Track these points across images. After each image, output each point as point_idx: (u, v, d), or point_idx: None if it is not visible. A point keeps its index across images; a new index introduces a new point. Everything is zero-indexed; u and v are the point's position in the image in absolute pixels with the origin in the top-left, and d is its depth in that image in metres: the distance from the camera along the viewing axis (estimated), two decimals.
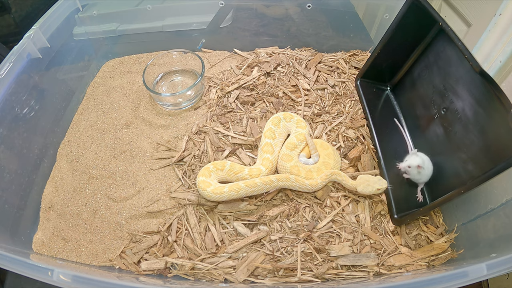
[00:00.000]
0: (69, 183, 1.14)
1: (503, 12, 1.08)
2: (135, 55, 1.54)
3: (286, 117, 1.15)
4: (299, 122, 1.13)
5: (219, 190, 0.98)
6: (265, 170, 1.03)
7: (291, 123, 1.14)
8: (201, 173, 1.03)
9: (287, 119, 1.14)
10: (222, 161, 1.07)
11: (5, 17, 1.71)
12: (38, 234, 1.05)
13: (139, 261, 0.96)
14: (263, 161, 1.06)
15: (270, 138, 1.10)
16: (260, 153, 1.09)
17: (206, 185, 0.99)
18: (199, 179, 1.01)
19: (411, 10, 1.06)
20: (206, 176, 1.02)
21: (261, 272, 0.91)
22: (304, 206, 1.01)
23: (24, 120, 1.13)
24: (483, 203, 0.90)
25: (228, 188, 0.98)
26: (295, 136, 1.11)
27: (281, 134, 1.13)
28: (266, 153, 1.07)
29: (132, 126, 1.27)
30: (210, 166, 1.04)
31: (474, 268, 0.69)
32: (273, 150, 1.08)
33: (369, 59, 1.24)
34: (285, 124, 1.14)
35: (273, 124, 1.13)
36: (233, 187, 0.98)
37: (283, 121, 1.14)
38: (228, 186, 0.98)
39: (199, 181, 1.00)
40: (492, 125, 0.83)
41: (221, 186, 0.99)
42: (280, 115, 1.15)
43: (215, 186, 0.99)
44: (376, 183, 0.97)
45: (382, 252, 0.94)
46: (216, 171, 1.04)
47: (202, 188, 0.99)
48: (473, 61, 0.86)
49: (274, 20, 1.48)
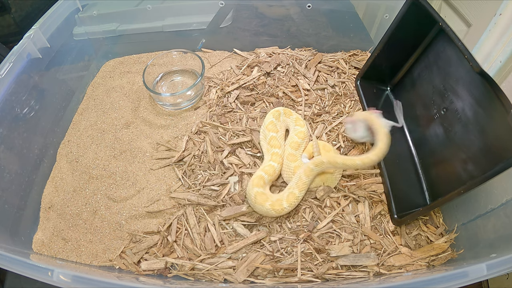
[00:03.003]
0: (69, 183, 1.14)
1: (503, 12, 1.08)
2: (135, 55, 1.54)
3: (286, 113, 1.15)
4: (298, 120, 1.13)
5: (279, 206, 0.93)
6: (278, 165, 1.01)
7: (290, 120, 1.14)
8: (255, 183, 0.95)
9: (287, 115, 1.15)
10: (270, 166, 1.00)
11: (5, 17, 1.72)
12: (38, 234, 1.05)
13: (139, 261, 0.96)
14: (273, 156, 1.03)
15: (274, 132, 1.09)
16: (267, 148, 1.08)
17: (264, 199, 0.93)
18: (256, 190, 0.93)
19: (411, 10, 1.06)
20: (261, 185, 0.94)
21: (261, 272, 0.91)
22: (304, 207, 1.01)
23: (24, 120, 1.13)
24: (483, 203, 0.90)
25: (286, 203, 0.94)
26: (295, 134, 1.10)
27: (281, 128, 1.14)
28: (274, 148, 1.05)
29: (132, 126, 1.27)
30: (262, 173, 0.97)
31: (474, 268, 0.68)
32: (280, 144, 1.07)
33: (369, 59, 1.24)
34: (284, 119, 1.14)
35: (274, 117, 1.13)
36: (290, 199, 0.94)
37: (283, 116, 1.14)
38: (285, 200, 0.94)
39: (256, 193, 0.92)
40: (492, 125, 0.83)
41: (279, 200, 0.94)
42: (280, 109, 1.15)
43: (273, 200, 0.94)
44: None
45: (382, 252, 0.94)
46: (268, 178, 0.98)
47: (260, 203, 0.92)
48: (473, 61, 0.86)
49: (274, 20, 1.48)
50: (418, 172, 1.08)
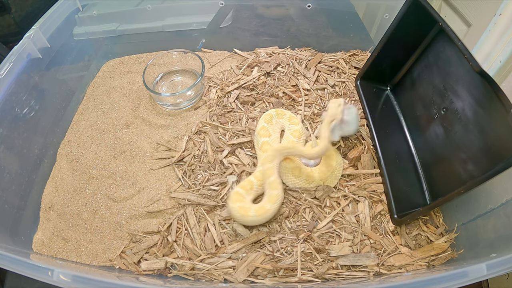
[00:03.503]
0: (69, 183, 1.14)
1: (503, 12, 1.08)
2: (135, 55, 1.54)
3: (278, 114, 1.15)
4: (292, 118, 1.13)
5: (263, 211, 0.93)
6: (256, 181, 1.00)
7: (284, 120, 1.14)
8: (234, 199, 0.96)
9: (279, 116, 1.14)
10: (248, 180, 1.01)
11: (5, 17, 1.72)
12: (38, 234, 1.05)
13: (139, 261, 0.96)
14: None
15: (266, 137, 1.09)
16: (259, 154, 1.09)
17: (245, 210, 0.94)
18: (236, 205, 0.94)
19: (411, 10, 1.06)
20: (241, 200, 0.96)
21: (261, 272, 0.91)
22: (304, 207, 1.01)
23: (24, 120, 1.13)
24: (483, 203, 0.90)
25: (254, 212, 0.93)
26: (291, 134, 1.10)
27: (275, 131, 1.13)
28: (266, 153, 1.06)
29: (132, 126, 1.27)
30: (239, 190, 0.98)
31: (474, 268, 0.69)
32: None
33: (369, 59, 1.24)
34: (277, 121, 1.14)
35: (266, 122, 1.12)
36: (259, 211, 0.93)
37: (275, 118, 1.14)
38: (254, 209, 0.94)
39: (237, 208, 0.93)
40: (492, 125, 0.83)
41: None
42: (272, 112, 1.15)
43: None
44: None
45: (382, 252, 0.94)
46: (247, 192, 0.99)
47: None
48: (473, 61, 0.86)
49: (274, 20, 1.48)
50: (418, 172, 1.08)
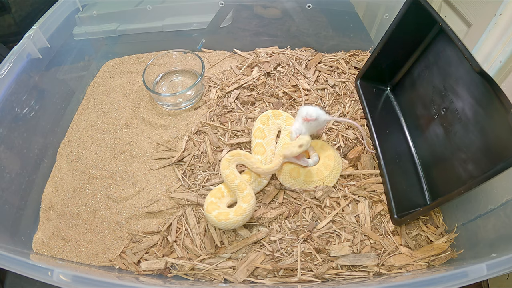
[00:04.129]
0: (69, 183, 1.14)
1: (503, 12, 1.08)
2: (135, 55, 1.54)
3: (275, 115, 1.14)
4: (288, 119, 1.13)
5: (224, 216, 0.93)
6: (226, 190, 1.00)
7: (280, 121, 1.14)
8: (209, 209, 0.96)
9: (276, 117, 1.14)
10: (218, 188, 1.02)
11: (5, 17, 1.72)
12: (38, 234, 1.05)
13: (139, 261, 0.96)
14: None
15: (260, 138, 1.09)
16: (252, 155, 1.08)
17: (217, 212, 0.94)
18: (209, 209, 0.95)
19: (411, 10, 1.06)
20: (215, 208, 0.96)
21: (261, 272, 0.91)
22: (304, 207, 1.01)
23: (24, 120, 1.13)
24: (483, 203, 0.90)
25: (245, 204, 0.94)
26: (286, 135, 1.10)
27: (271, 132, 1.13)
28: (257, 154, 1.06)
29: (132, 126, 1.27)
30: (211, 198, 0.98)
31: (474, 268, 0.69)
32: (265, 150, 1.07)
33: (369, 59, 1.24)
34: (274, 122, 1.14)
35: (262, 123, 1.12)
36: (247, 199, 0.94)
37: (272, 119, 1.14)
38: (243, 202, 0.94)
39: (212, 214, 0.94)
40: (492, 125, 0.83)
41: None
42: (269, 113, 1.15)
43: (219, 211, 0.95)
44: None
45: (382, 252, 0.94)
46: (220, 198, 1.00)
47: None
48: (473, 61, 0.86)
49: (274, 20, 1.48)
50: (418, 172, 1.08)
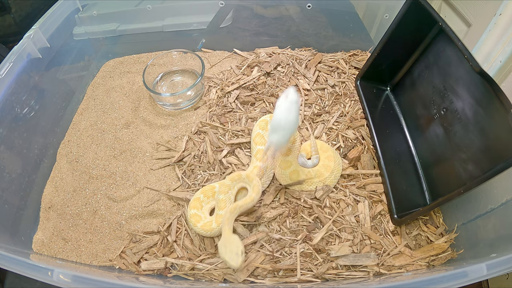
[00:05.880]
0: (69, 183, 1.14)
1: (503, 12, 1.08)
2: (135, 55, 1.54)
3: None
4: None
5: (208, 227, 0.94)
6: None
7: None
8: (192, 206, 0.97)
9: None
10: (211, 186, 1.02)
11: (5, 17, 1.72)
12: (38, 234, 1.05)
13: (139, 261, 0.96)
14: (254, 169, 1.03)
15: (261, 144, 1.08)
16: (252, 160, 1.08)
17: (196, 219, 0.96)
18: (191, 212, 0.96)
19: (411, 10, 1.06)
20: (197, 208, 0.97)
21: (261, 272, 0.91)
22: (304, 207, 1.01)
23: (24, 120, 1.13)
24: (483, 203, 0.90)
25: (215, 224, 0.94)
26: None
27: None
28: (259, 161, 1.05)
29: (132, 126, 1.27)
30: (200, 195, 0.99)
31: (474, 268, 0.69)
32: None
33: (369, 59, 1.24)
34: None
35: (261, 128, 1.11)
36: (218, 220, 0.94)
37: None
38: (214, 221, 0.94)
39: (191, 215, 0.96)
40: (492, 125, 0.83)
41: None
42: (267, 117, 1.14)
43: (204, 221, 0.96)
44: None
45: (382, 252, 0.94)
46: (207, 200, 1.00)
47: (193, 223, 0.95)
48: (473, 61, 0.86)
49: (274, 20, 1.48)
50: (418, 172, 1.08)
